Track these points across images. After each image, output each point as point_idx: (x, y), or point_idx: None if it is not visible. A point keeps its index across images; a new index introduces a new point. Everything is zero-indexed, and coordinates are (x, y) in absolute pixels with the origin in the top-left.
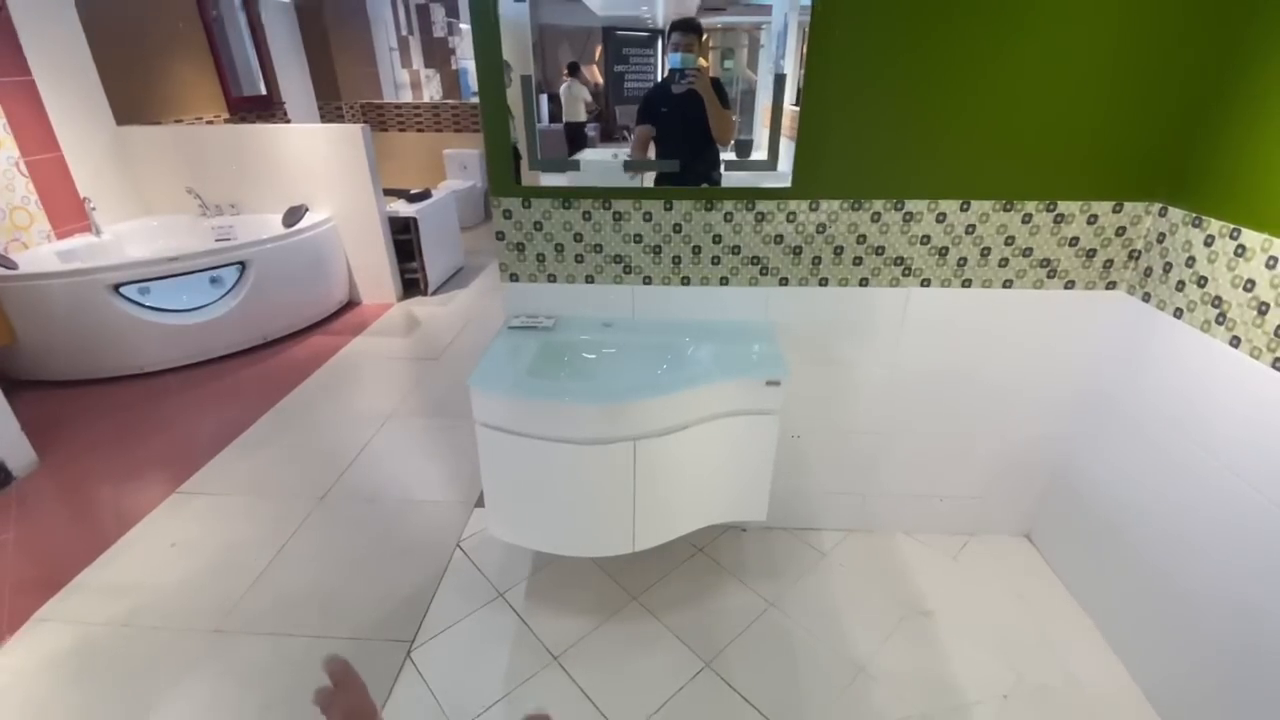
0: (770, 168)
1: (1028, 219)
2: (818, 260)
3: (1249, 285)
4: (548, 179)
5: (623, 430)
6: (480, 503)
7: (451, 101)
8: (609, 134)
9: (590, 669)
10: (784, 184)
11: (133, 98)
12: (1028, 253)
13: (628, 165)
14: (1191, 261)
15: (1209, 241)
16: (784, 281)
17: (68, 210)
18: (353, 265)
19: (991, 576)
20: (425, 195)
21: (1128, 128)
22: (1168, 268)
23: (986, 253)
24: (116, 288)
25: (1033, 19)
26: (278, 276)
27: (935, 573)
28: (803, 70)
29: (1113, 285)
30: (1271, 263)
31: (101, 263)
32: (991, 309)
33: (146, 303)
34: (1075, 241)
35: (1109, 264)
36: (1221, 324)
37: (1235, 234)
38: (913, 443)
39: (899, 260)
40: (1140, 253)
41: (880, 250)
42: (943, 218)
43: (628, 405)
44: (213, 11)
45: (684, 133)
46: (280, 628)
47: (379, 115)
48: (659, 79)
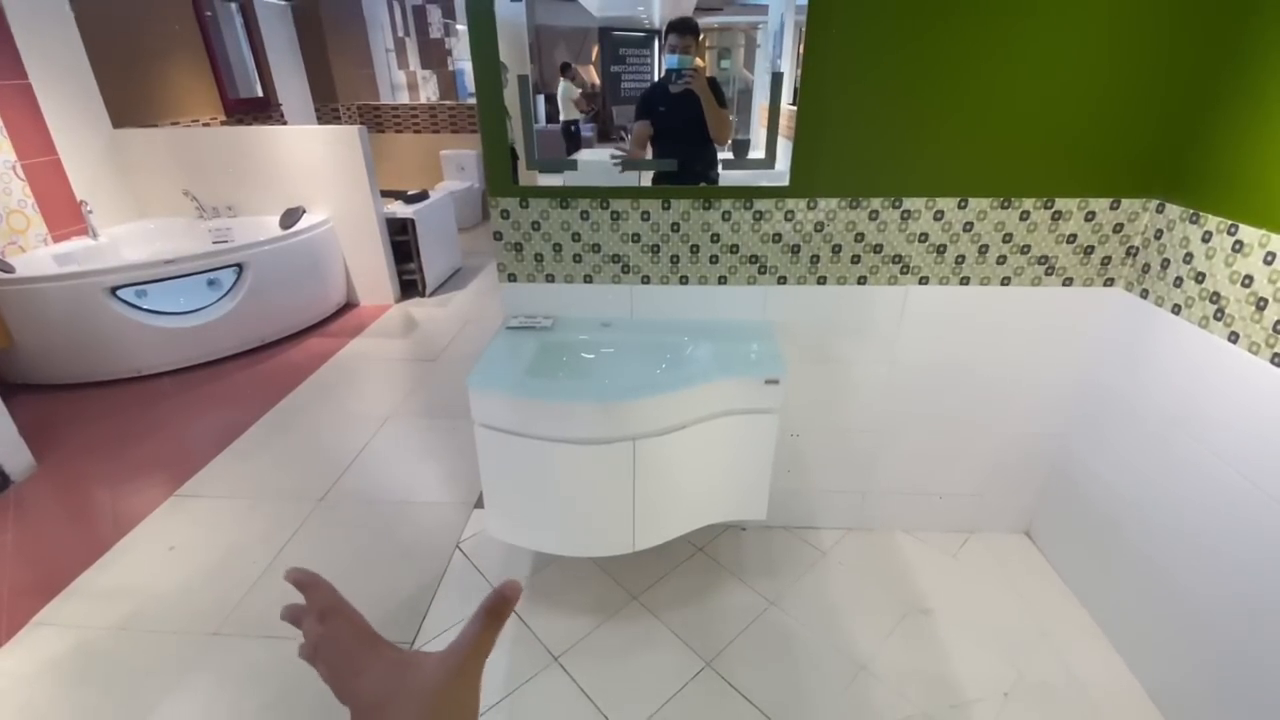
0: (768, 166)
1: (1025, 216)
2: (816, 258)
3: (1247, 281)
4: (545, 179)
5: (622, 430)
6: (479, 503)
7: (448, 102)
8: (606, 134)
9: (591, 669)
10: (782, 182)
11: (129, 100)
12: (1026, 250)
13: (625, 163)
14: (1189, 258)
15: (1207, 238)
16: (782, 280)
17: (64, 213)
18: (350, 267)
19: (991, 574)
20: (423, 196)
21: (1125, 124)
22: (1165, 264)
23: (984, 250)
24: (113, 291)
25: (1029, 14)
26: (275, 278)
27: (935, 570)
28: (800, 69)
29: (1110, 282)
30: (1269, 258)
31: (98, 266)
32: (990, 306)
33: (144, 305)
34: (1073, 238)
35: (1107, 261)
36: (1220, 319)
37: (1233, 230)
38: (911, 440)
39: (897, 258)
40: (1138, 249)
41: (878, 248)
42: (940, 215)
43: (626, 405)
44: (208, 13)
45: (681, 132)
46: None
47: (376, 117)
48: (656, 79)
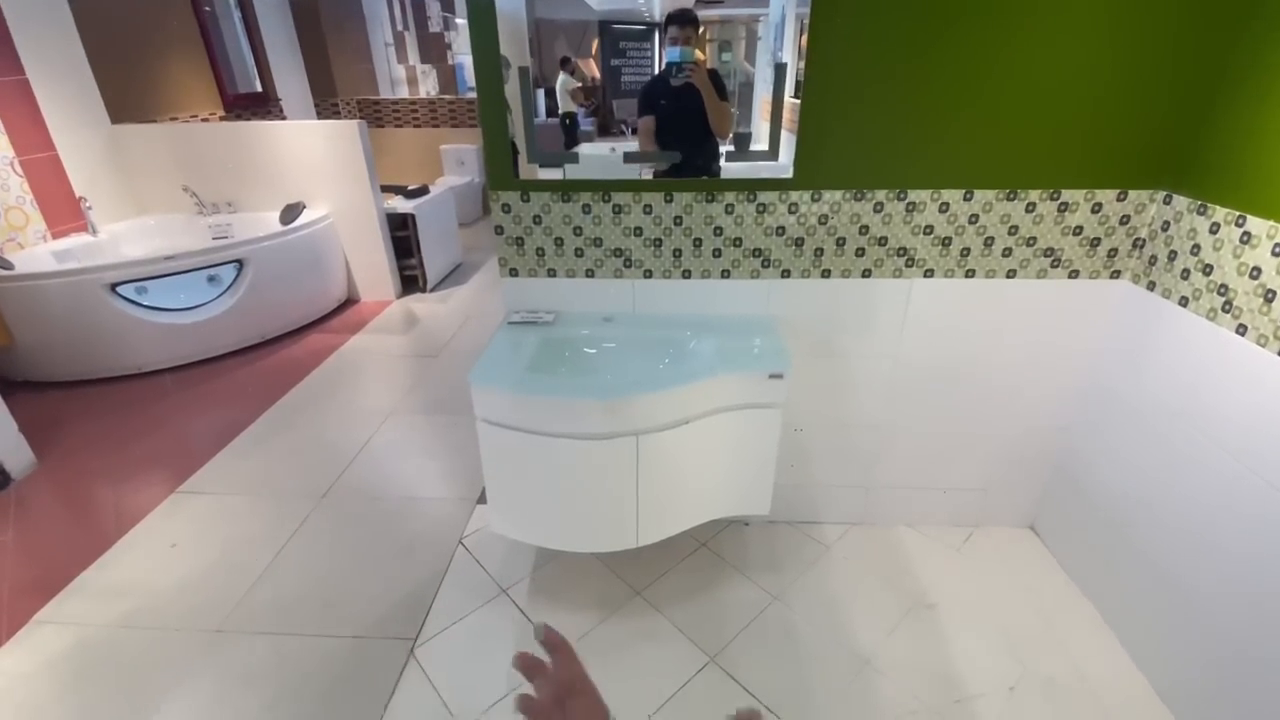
0: (771, 158)
1: (1031, 208)
2: (820, 252)
3: (1255, 273)
4: (546, 173)
5: (624, 425)
6: (482, 499)
7: (448, 97)
8: (606, 128)
9: (594, 665)
10: (785, 175)
11: (127, 96)
12: (1031, 242)
13: (630, 157)
14: (1196, 249)
15: (1214, 229)
16: (786, 274)
17: (63, 210)
18: (351, 262)
19: (996, 568)
20: (423, 191)
21: (1132, 115)
22: (1172, 256)
23: (990, 242)
24: (113, 287)
25: (1035, 4)
26: (275, 274)
27: (939, 565)
28: (802, 62)
29: (1117, 274)
30: (1278, 250)
31: (98, 262)
32: (995, 299)
33: (144, 302)
34: (1079, 230)
35: (1113, 253)
36: (1228, 312)
37: (1241, 221)
38: (916, 435)
39: (902, 251)
40: (1145, 241)
41: (883, 241)
42: (945, 207)
43: (629, 400)
44: (207, 8)
45: (682, 125)
46: (281, 627)
47: (375, 111)
48: (656, 72)
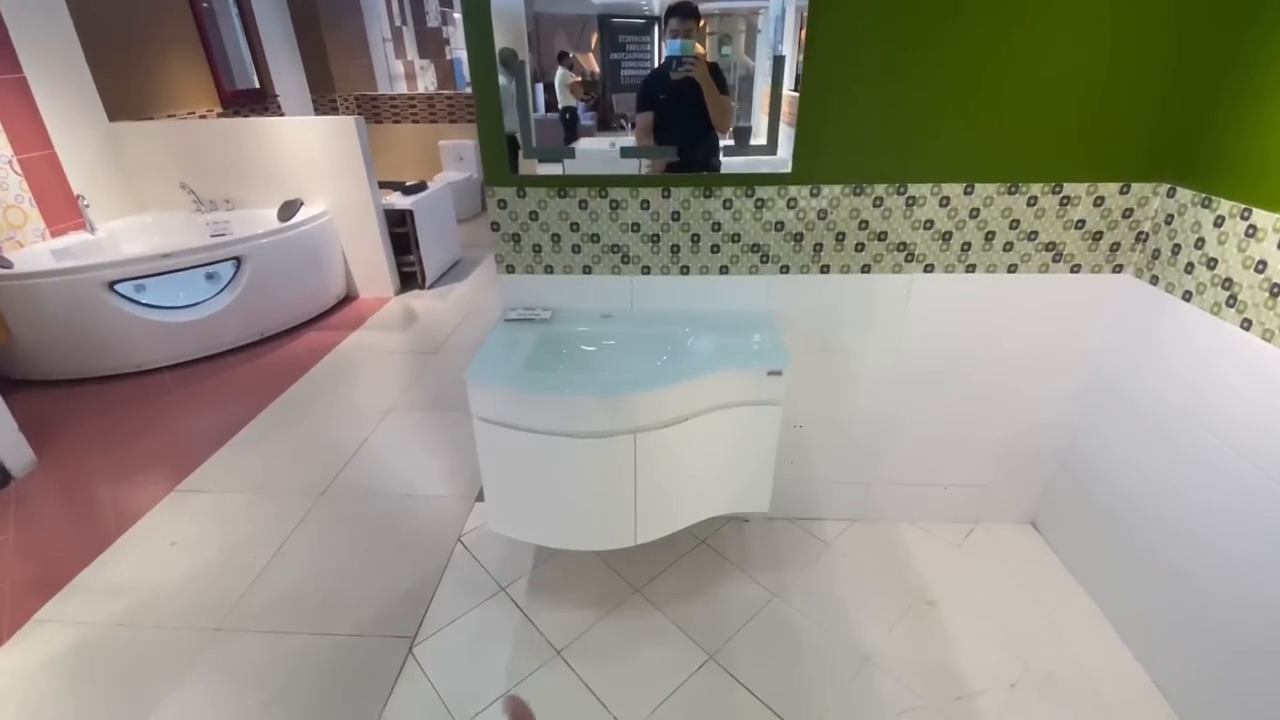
0: (770, 153)
1: (1033, 202)
2: (819, 247)
3: (1260, 266)
4: (543, 168)
5: (623, 423)
6: (481, 497)
7: (446, 92)
8: (606, 122)
9: (593, 663)
10: (784, 169)
11: (125, 93)
12: (1033, 236)
13: (628, 152)
14: (1201, 243)
15: (1219, 222)
16: (785, 269)
17: (62, 208)
18: (349, 259)
19: (997, 565)
20: (421, 187)
21: (1135, 107)
22: (1176, 249)
23: (991, 237)
24: (112, 285)
25: None
26: (274, 271)
27: (940, 561)
28: (801, 55)
29: (1120, 268)
30: None
31: (96, 260)
32: (996, 294)
33: (142, 300)
34: (1081, 224)
35: (1116, 247)
36: (1232, 306)
37: (1246, 214)
38: (916, 431)
39: (902, 246)
40: (1148, 235)
41: (883, 236)
42: (946, 201)
43: (627, 397)
44: (204, 4)
45: (682, 119)
46: (281, 625)
47: (373, 107)
48: (656, 66)
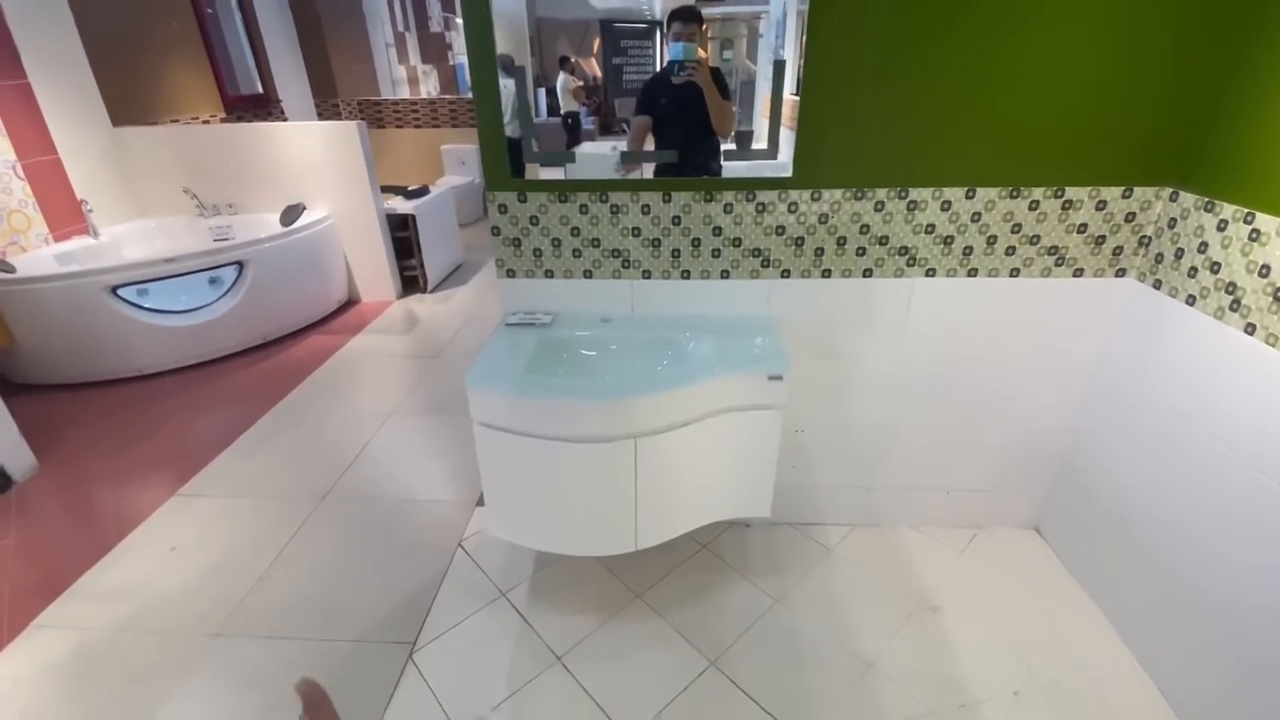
0: (770, 157)
1: (1035, 206)
2: (820, 251)
3: (1264, 271)
4: (544, 172)
5: (623, 428)
6: (481, 501)
7: (449, 97)
8: (608, 127)
9: (594, 669)
10: (785, 174)
11: (128, 98)
12: (1035, 240)
13: (625, 156)
14: (1204, 247)
15: (1222, 226)
16: (786, 274)
17: (65, 213)
18: (351, 263)
19: (1000, 570)
20: (423, 191)
21: (1136, 110)
22: (1179, 254)
23: (993, 241)
24: (114, 290)
25: None
26: (276, 276)
27: (943, 567)
28: (802, 59)
29: (1122, 272)
30: None
31: (99, 265)
32: (998, 298)
33: (145, 304)
34: (1084, 228)
35: (1118, 251)
36: (1235, 311)
37: (1249, 218)
38: (918, 435)
39: (903, 250)
40: (1150, 239)
41: (884, 240)
42: (948, 206)
43: (628, 402)
44: (209, 10)
45: (683, 123)
46: (281, 631)
47: (376, 112)
48: (657, 70)
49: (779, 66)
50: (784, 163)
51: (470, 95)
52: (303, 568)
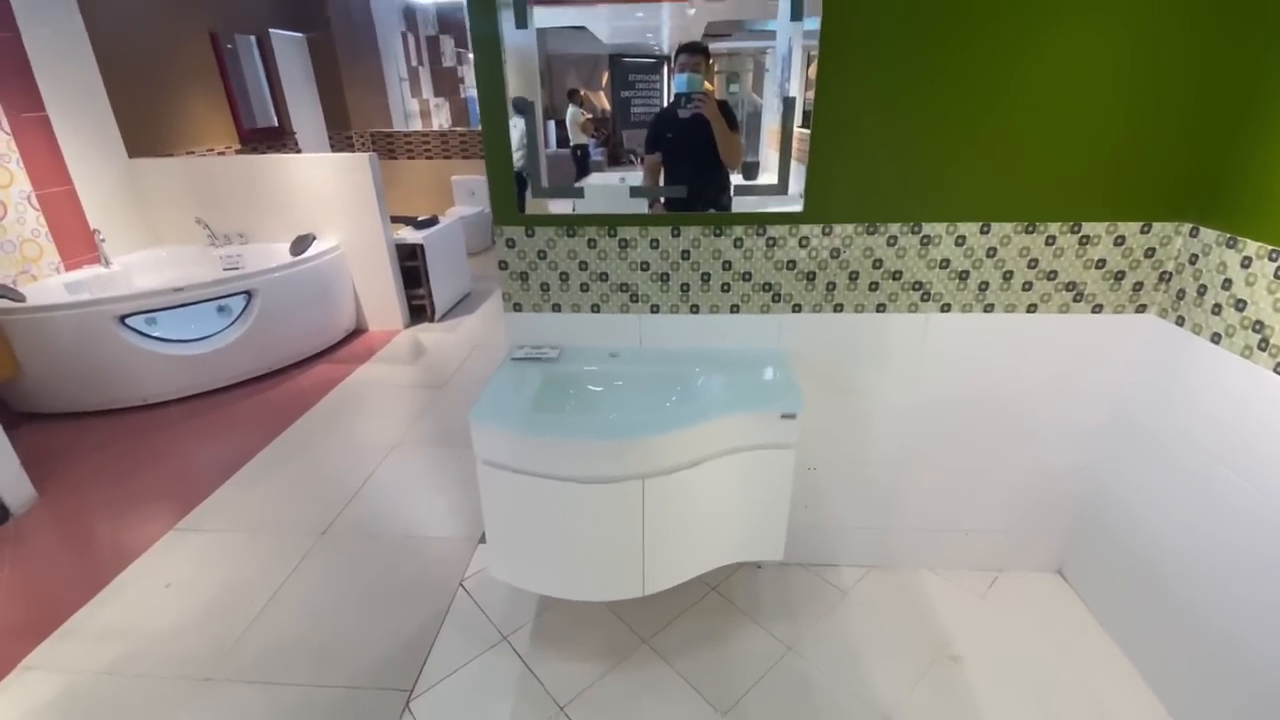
0: (780, 192)
1: (1051, 241)
2: (832, 286)
3: None
4: (552, 206)
5: (631, 468)
6: (485, 538)
7: (460, 129)
8: (616, 158)
9: None
10: (795, 208)
11: (146, 130)
12: (1052, 276)
13: (636, 191)
14: (1228, 284)
15: (1246, 263)
16: (797, 308)
17: (77, 242)
18: (360, 292)
19: (1023, 615)
20: (433, 222)
21: (1154, 144)
22: (1202, 290)
23: (1009, 276)
24: (123, 319)
25: (1052, 31)
26: (284, 305)
27: (963, 612)
28: (810, 92)
29: (1143, 309)
30: None
31: (109, 294)
32: (1015, 335)
33: (153, 333)
34: (1102, 264)
35: (1138, 286)
36: (1264, 350)
37: (1275, 255)
38: (935, 474)
39: (917, 285)
40: (1171, 274)
41: (897, 275)
42: (962, 240)
43: (635, 441)
44: (228, 46)
45: (691, 157)
46: (273, 676)
47: (388, 143)
48: (665, 104)
49: (788, 103)
50: (794, 197)
51: (480, 127)
52: (299, 607)
